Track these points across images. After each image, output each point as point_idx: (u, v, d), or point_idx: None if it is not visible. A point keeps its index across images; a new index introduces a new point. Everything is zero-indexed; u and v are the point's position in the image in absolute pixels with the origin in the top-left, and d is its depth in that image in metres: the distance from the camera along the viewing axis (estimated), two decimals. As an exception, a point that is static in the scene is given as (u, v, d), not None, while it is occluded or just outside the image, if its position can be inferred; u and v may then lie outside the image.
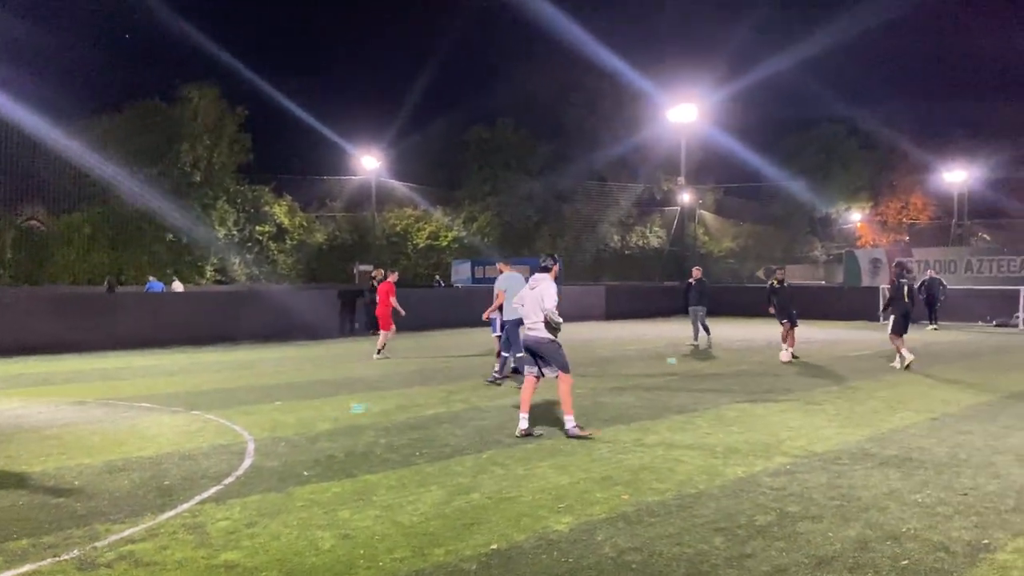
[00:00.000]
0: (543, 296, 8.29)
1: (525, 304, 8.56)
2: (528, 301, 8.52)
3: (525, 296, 8.62)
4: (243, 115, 45.11)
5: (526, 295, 8.61)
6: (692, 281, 19.10)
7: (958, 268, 27.42)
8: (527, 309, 8.50)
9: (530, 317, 8.45)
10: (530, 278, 8.71)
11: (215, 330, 20.32)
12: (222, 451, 7.82)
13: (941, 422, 9.11)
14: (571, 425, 8.40)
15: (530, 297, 8.51)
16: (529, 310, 8.47)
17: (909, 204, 64.10)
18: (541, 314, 8.30)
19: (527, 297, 8.57)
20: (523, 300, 8.63)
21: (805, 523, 5.50)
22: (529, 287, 8.60)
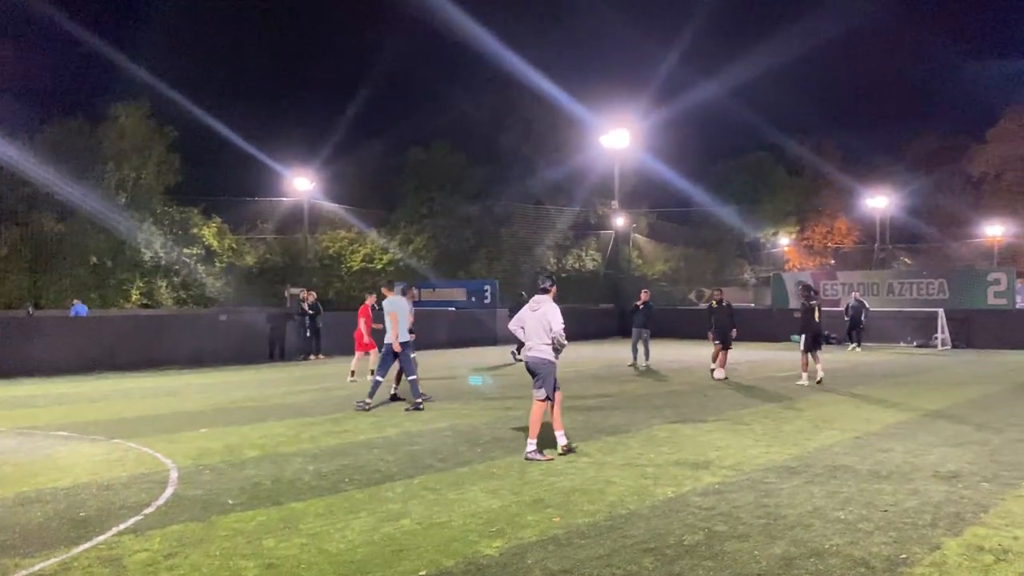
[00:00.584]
0: (550, 319, 8.46)
1: (526, 326, 8.62)
2: (530, 323, 8.59)
3: (526, 318, 8.66)
4: (172, 135, 44.16)
5: (527, 317, 8.65)
6: (639, 304, 19.35)
7: (880, 291, 28.35)
8: (529, 331, 8.58)
9: (531, 339, 8.55)
10: (531, 300, 8.79)
11: (139, 355, 19.70)
12: (143, 480, 7.55)
13: (864, 440, 9.36)
14: (531, 448, 8.39)
15: (532, 319, 8.58)
16: (531, 332, 8.56)
17: (834, 229, 66.30)
18: (544, 336, 8.47)
19: (529, 319, 8.62)
20: (523, 322, 8.67)
21: (732, 542, 5.57)
22: (530, 309, 8.66)
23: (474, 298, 33.30)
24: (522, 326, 8.69)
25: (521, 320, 8.73)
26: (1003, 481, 7.28)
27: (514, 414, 11.65)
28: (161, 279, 43.48)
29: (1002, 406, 12.14)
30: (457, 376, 17.56)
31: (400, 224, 52.99)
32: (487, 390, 14.74)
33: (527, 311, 8.71)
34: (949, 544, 5.51)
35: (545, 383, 8.48)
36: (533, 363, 8.55)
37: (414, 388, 12.35)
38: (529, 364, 8.60)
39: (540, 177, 53.34)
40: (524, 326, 8.65)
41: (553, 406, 8.61)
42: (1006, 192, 64.64)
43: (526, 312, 8.72)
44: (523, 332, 8.66)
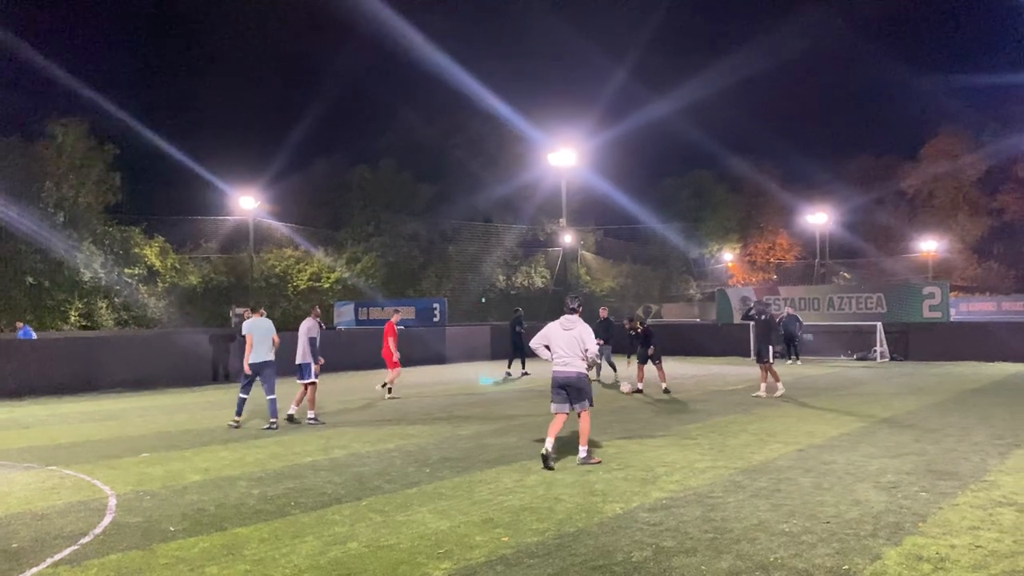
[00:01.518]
0: (583, 338, 8.80)
1: (561, 345, 8.83)
2: (564, 341, 8.83)
3: (559, 336, 8.87)
4: (112, 153, 43.19)
5: (560, 335, 8.86)
6: (600, 320, 19.48)
7: (821, 305, 28.98)
8: (563, 349, 8.82)
9: (565, 356, 8.82)
10: (563, 319, 8.99)
11: (77, 379, 19.13)
12: (80, 508, 7.32)
13: (807, 453, 9.54)
14: (585, 454, 8.98)
15: (566, 338, 8.83)
16: (566, 350, 8.81)
17: (776, 245, 67.78)
18: (578, 353, 8.80)
19: (562, 337, 8.85)
20: (553, 340, 8.89)
21: (680, 557, 5.62)
22: (563, 328, 8.88)
23: (423, 317, 33.14)
24: (546, 344, 8.93)
25: (547, 338, 8.94)
26: (940, 490, 7.48)
27: (462, 432, 11.60)
28: (101, 300, 42.34)
29: (939, 417, 12.50)
30: (403, 396, 17.43)
31: (347, 243, 52.59)
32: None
33: (558, 330, 8.92)
34: (889, 553, 5.64)
35: (587, 395, 8.95)
36: (573, 379, 8.85)
37: (271, 407, 12.37)
38: (567, 380, 8.85)
39: (488, 194, 53.57)
40: (551, 344, 8.89)
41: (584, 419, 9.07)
42: (938, 209, 66.95)
43: (556, 331, 8.92)
44: (545, 350, 8.94)
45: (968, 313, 55.21)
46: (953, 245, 65.39)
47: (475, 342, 30.77)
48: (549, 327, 9.04)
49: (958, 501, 7.08)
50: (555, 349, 8.88)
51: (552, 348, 8.90)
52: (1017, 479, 7.90)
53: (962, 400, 14.76)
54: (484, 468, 8.88)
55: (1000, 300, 59.43)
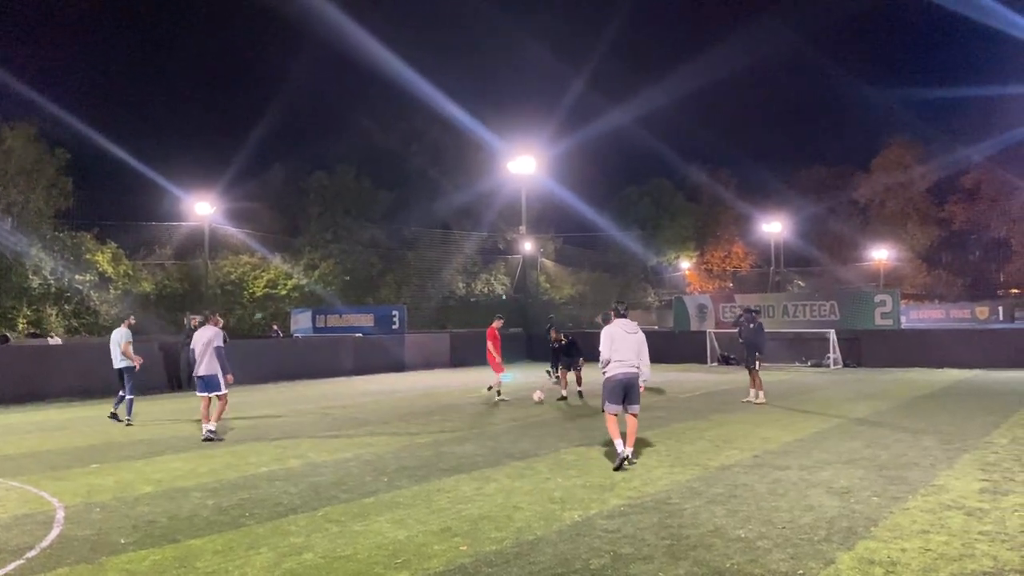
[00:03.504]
0: (644, 343, 9.16)
1: (622, 346, 8.99)
2: (628, 344, 9.02)
3: (623, 339, 9.02)
4: (64, 157, 42.26)
5: (624, 338, 9.03)
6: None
7: (776, 313, 29.42)
8: (626, 351, 8.99)
9: (628, 359, 9.00)
10: (621, 323, 9.16)
11: (21, 388, 18.62)
12: (26, 521, 7.12)
13: (762, 459, 9.66)
14: (631, 453, 9.16)
15: (631, 341, 9.06)
16: (629, 352, 9.01)
17: (732, 253, 68.70)
18: (640, 356, 9.08)
19: (626, 340, 9.03)
20: (617, 342, 8.99)
21: (637, 564, 5.64)
22: (626, 331, 9.09)
23: (382, 324, 32.92)
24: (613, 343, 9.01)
25: (612, 341, 9.02)
26: (891, 495, 7.63)
27: (420, 441, 11.54)
28: (51, 307, 41.34)
29: (890, 422, 12.75)
30: (359, 403, 17.28)
31: (305, 249, 52.10)
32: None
33: (622, 333, 9.07)
34: (842, 558, 5.73)
35: (638, 397, 9.19)
36: (635, 380, 9.07)
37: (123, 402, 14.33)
38: (630, 381, 9.04)
39: (447, 201, 53.53)
40: (614, 346, 9.00)
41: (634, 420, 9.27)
42: (889, 218, 68.49)
43: (620, 334, 9.06)
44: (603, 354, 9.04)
45: (918, 320, 56.58)
46: (903, 254, 66.96)
47: (435, 349, 30.66)
48: (612, 331, 9.11)
49: (908, 505, 7.22)
50: (618, 351, 8.99)
51: (614, 350, 8.99)
52: (965, 483, 8.09)
53: (912, 406, 15.08)
54: (442, 476, 8.84)
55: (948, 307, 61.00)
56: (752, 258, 68.43)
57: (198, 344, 12.23)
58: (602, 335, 9.15)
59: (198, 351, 12.19)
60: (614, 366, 9.04)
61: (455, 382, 22.91)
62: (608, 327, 9.23)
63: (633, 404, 9.17)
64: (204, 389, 12.16)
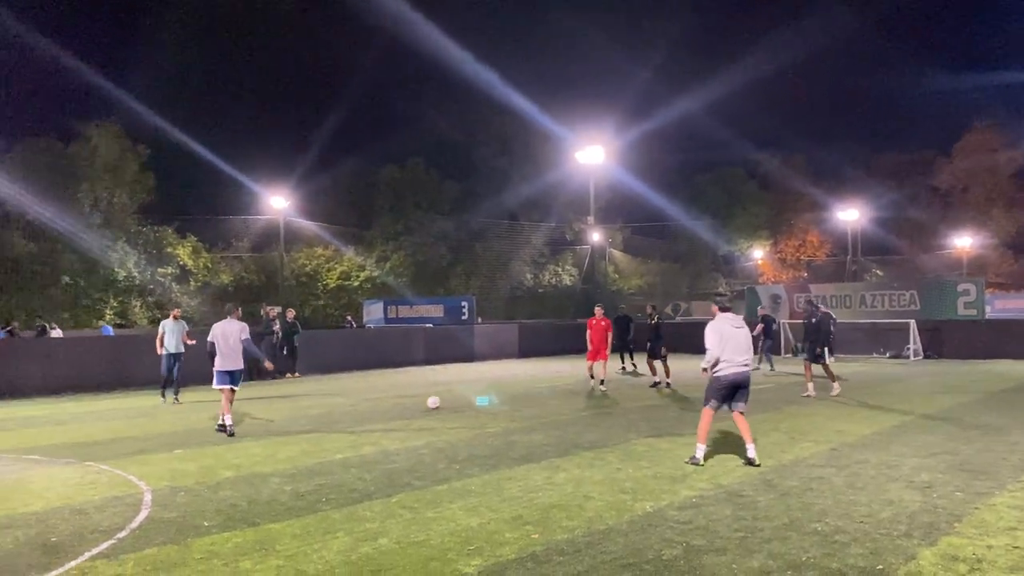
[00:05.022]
0: (749, 337, 8.79)
1: (735, 344, 8.59)
2: (738, 341, 8.62)
3: (733, 335, 8.62)
4: (145, 154, 43.83)
5: (734, 334, 8.63)
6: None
7: (853, 303, 28.64)
8: (735, 349, 8.58)
9: (738, 357, 8.60)
10: (728, 317, 8.79)
11: (112, 376, 19.44)
12: (116, 503, 7.45)
13: (839, 451, 9.44)
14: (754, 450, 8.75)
15: (740, 337, 8.66)
16: (740, 349, 8.61)
17: (806, 242, 67.01)
18: (750, 352, 8.71)
19: (736, 336, 8.63)
20: (728, 339, 8.57)
21: (710, 556, 5.59)
22: (734, 326, 8.71)
23: (451, 315, 33.25)
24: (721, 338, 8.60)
25: (723, 338, 8.59)
26: (975, 490, 7.38)
27: (490, 430, 11.63)
28: (135, 298, 43.01)
29: (972, 416, 12.31)
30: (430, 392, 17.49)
31: (376, 241, 52.89)
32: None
33: (730, 328, 8.66)
34: (924, 554, 5.57)
35: (747, 395, 8.82)
36: (748, 378, 8.72)
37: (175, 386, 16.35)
38: (743, 379, 8.67)
39: (515, 192, 53.58)
40: (724, 343, 8.56)
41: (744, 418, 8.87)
42: (972, 205, 65.77)
43: (728, 328, 8.65)
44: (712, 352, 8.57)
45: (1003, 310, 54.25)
46: (988, 241, 64.24)
47: (503, 340, 30.82)
48: (720, 327, 8.65)
49: (994, 501, 6.97)
50: (728, 349, 8.54)
51: (724, 348, 8.54)
52: (1055, 479, 7.77)
53: (997, 399, 14.52)
54: (512, 465, 8.90)
55: (1036, 297, 58.32)
56: (827, 247, 66.65)
57: (228, 338, 12.03)
58: (709, 331, 8.66)
59: (228, 345, 11.97)
60: (724, 365, 8.56)
61: (523, 372, 23.00)
62: (715, 323, 8.73)
63: (741, 403, 8.74)
64: (230, 382, 11.98)
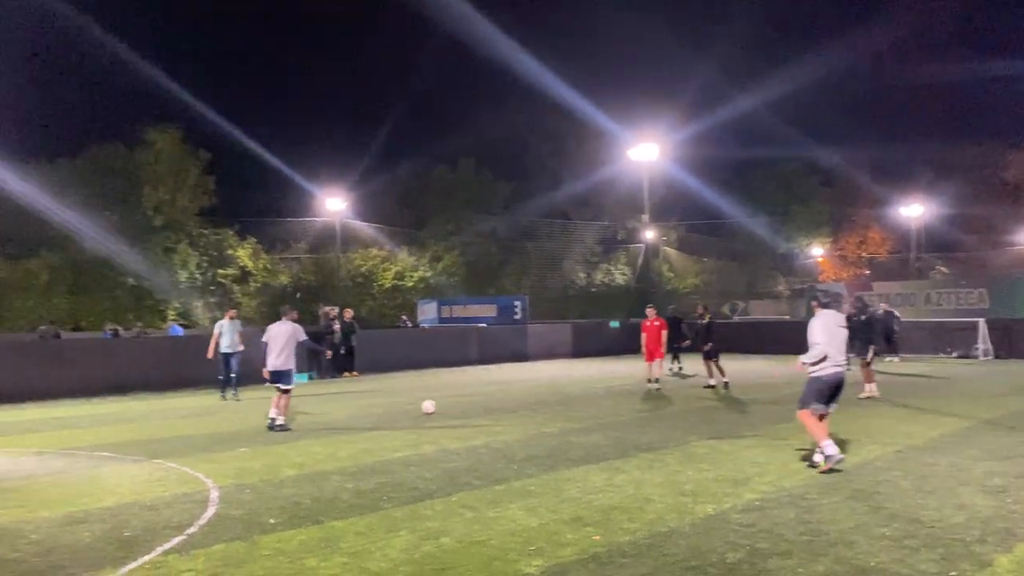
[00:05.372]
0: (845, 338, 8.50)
1: (838, 343, 8.36)
2: (840, 340, 8.40)
3: (836, 334, 8.39)
4: (205, 158, 44.90)
5: (837, 333, 8.40)
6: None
7: (918, 301, 27.93)
8: (838, 348, 8.33)
9: (839, 356, 8.35)
10: (831, 315, 8.55)
11: (175, 376, 19.95)
12: (185, 500, 7.65)
13: (906, 454, 9.21)
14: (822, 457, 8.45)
15: (842, 336, 8.44)
16: (841, 348, 8.37)
17: (867, 239, 65.44)
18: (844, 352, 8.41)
19: (840, 334, 8.42)
20: (834, 334, 8.35)
21: (775, 559, 5.51)
22: (838, 324, 8.49)
23: (504, 314, 33.33)
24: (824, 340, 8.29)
25: (829, 333, 8.33)
26: (1052, 495, 7.12)
27: (547, 430, 11.62)
28: (197, 299, 44.09)
29: (1048, 418, 11.89)
30: (486, 392, 17.55)
31: (429, 242, 53.30)
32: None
33: (835, 326, 8.43)
34: (1000, 561, 5.40)
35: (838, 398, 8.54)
36: (844, 379, 8.47)
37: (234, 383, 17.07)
38: (841, 379, 8.43)
39: (567, 190, 53.38)
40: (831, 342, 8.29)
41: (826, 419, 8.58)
42: (1045, 199, 63.38)
43: (833, 326, 8.41)
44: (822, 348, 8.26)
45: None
46: (1062, 236, 61.88)
47: (557, 340, 30.78)
48: (827, 324, 8.37)
49: (1073, 507, 6.73)
50: (833, 347, 8.27)
51: (830, 346, 8.25)
52: None
53: (1074, 400, 13.99)
54: (571, 466, 8.88)
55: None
56: (890, 244, 64.98)
57: (277, 340, 12.23)
58: (816, 327, 8.33)
59: (278, 346, 12.19)
60: (826, 364, 8.26)
61: (578, 372, 22.94)
62: (822, 319, 8.42)
63: (833, 404, 8.49)
64: (275, 381, 12.22)
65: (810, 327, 8.46)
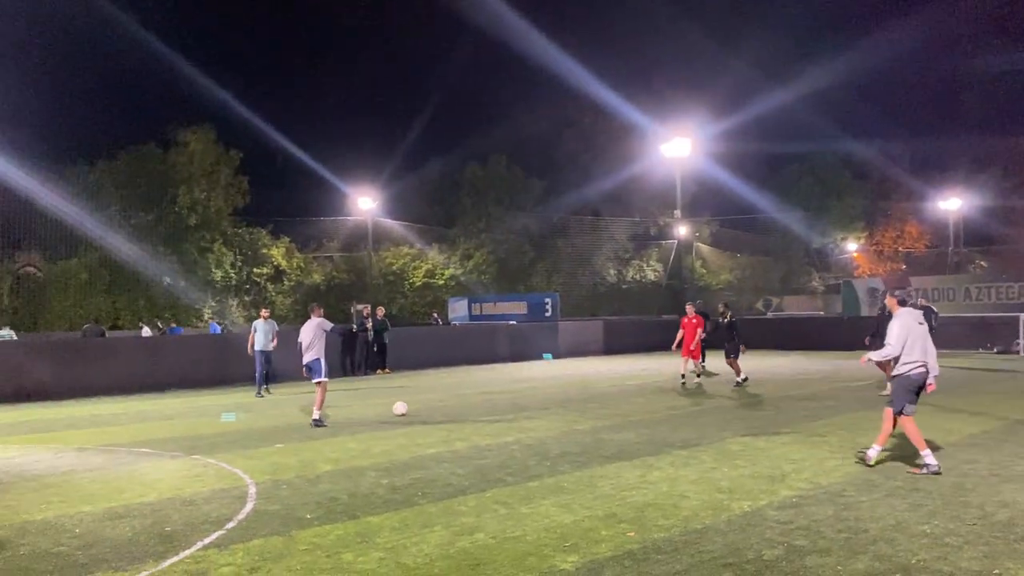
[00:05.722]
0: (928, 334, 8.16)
1: (921, 341, 8.07)
2: (923, 337, 8.10)
3: (918, 331, 8.09)
4: (238, 158, 45.38)
5: (918, 331, 8.09)
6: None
7: (956, 296, 27.46)
8: (922, 346, 8.05)
9: (922, 356, 8.07)
10: (911, 312, 8.29)
11: (211, 373, 20.22)
12: (223, 495, 7.75)
13: (945, 451, 9.07)
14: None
15: (923, 333, 8.12)
16: (924, 346, 8.09)
17: (904, 233, 64.43)
18: (929, 351, 8.11)
19: (921, 331, 8.11)
20: (915, 333, 8.06)
21: (813, 557, 5.45)
22: (918, 322, 8.15)
23: (534, 312, 33.29)
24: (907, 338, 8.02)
25: (910, 331, 8.05)
26: (1099, 493, 6.97)
27: (579, 427, 11.60)
28: (232, 298, 44.62)
29: (1093, 414, 11.63)
30: (516, 389, 17.56)
31: (459, 240, 53.42)
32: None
33: (915, 324, 8.10)
34: (1044, 559, 5.30)
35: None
36: (926, 379, 8.16)
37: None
38: (923, 380, 8.13)
39: (598, 187, 53.10)
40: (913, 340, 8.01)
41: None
42: (1087, 190, 61.96)
43: (913, 324, 8.10)
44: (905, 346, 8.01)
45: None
46: (1105, 229, 60.45)
47: (588, 337, 30.70)
48: (907, 322, 8.07)
49: (1121, 505, 6.58)
50: (917, 346, 7.98)
51: (914, 346, 7.98)
52: None
53: (1120, 397, 13.68)
54: (604, 463, 8.86)
55: None
56: (927, 238, 63.91)
57: (305, 334, 12.84)
58: (898, 325, 8.03)
59: (307, 340, 12.77)
60: (912, 364, 8.02)
61: (609, 370, 22.87)
62: (902, 317, 8.12)
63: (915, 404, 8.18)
64: (308, 372, 12.87)
65: (889, 326, 8.15)
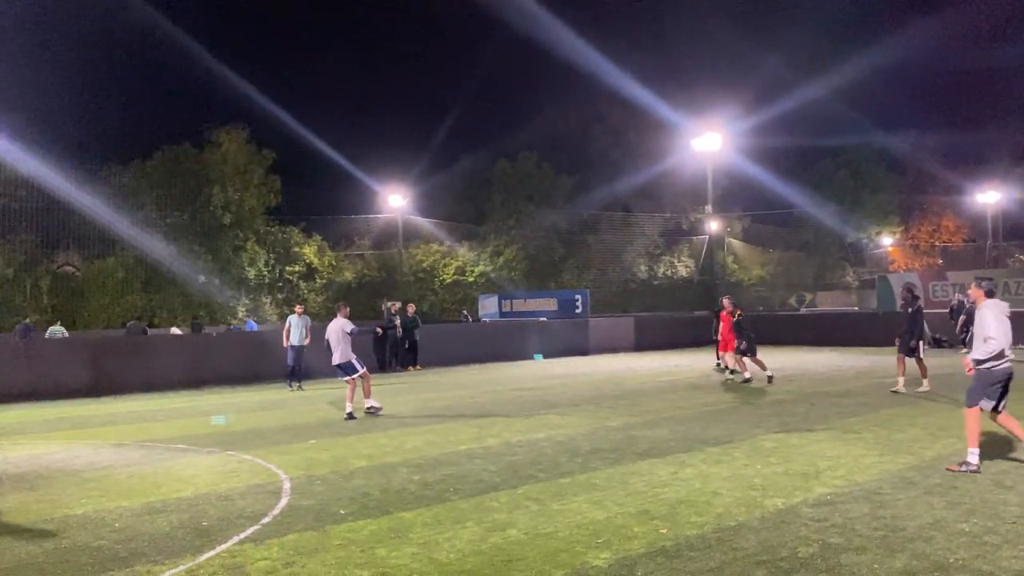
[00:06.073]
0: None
1: (1008, 334, 7.84)
2: (1009, 331, 7.86)
3: (1004, 324, 7.84)
4: (271, 157, 45.85)
5: (1005, 323, 7.83)
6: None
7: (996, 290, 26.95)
8: (1008, 340, 7.82)
9: (1008, 350, 7.85)
10: (999, 304, 7.97)
11: (246, 370, 20.47)
12: (258, 491, 7.85)
13: (983, 449, 8.88)
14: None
15: (1009, 327, 7.87)
16: (1009, 340, 7.84)
17: (940, 227, 63.40)
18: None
19: (1008, 325, 7.85)
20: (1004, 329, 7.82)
21: (849, 555, 5.40)
22: (1005, 315, 7.88)
23: (565, 308, 33.27)
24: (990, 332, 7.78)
25: (1001, 324, 7.80)
26: None
27: (611, 424, 11.58)
28: (265, 296, 45.14)
29: None
30: (547, 386, 17.56)
31: (489, 236, 53.50)
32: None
33: (1003, 316, 7.85)
34: (1087, 559, 5.19)
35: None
36: (1011, 376, 7.99)
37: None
38: (1011, 375, 7.97)
39: (628, 182, 52.89)
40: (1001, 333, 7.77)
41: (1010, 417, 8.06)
42: None
43: (1001, 318, 7.83)
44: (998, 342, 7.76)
45: None
46: None
47: (618, 334, 30.59)
48: (998, 315, 7.83)
49: None
50: (1002, 338, 7.74)
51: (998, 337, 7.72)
52: None
53: None
54: (636, 460, 8.83)
55: None
56: (964, 231, 62.82)
57: (331, 335, 13.23)
58: (988, 318, 7.78)
59: (332, 341, 13.18)
60: (1000, 359, 7.79)
61: (641, 366, 22.77)
62: (992, 310, 7.85)
63: (1005, 399, 7.93)
64: (344, 374, 13.32)
65: (980, 319, 7.89)
